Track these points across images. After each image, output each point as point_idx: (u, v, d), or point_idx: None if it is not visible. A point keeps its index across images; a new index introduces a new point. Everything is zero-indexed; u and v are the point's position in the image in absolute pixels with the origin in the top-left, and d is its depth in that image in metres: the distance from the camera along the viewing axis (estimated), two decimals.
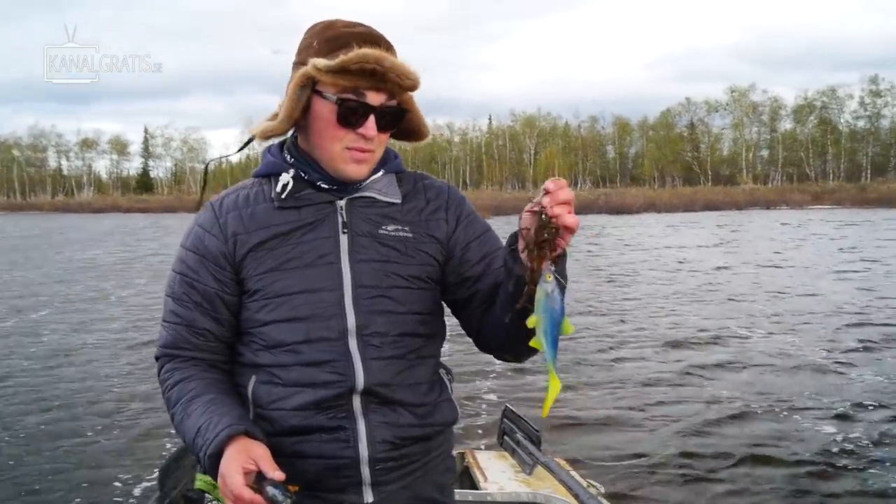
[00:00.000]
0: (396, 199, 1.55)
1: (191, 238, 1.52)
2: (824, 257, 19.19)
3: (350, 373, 1.44)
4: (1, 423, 6.25)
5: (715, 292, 13.29)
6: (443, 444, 1.62)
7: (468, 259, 1.56)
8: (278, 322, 1.46)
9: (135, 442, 5.85)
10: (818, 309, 11.32)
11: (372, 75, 1.38)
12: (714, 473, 5.09)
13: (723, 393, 6.91)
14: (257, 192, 1.53)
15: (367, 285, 1.47)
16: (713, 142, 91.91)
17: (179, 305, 1.50)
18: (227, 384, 1.51)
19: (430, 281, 1.54)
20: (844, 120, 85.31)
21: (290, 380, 1.45)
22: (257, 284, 1.47)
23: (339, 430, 1.45)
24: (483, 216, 1.67)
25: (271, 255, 1.46)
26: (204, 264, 1.49)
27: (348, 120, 1.42)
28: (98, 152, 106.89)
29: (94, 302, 13.32)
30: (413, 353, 1.52)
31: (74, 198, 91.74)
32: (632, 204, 54.38)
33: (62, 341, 9.73)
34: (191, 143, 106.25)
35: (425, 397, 1.53)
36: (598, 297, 12.83)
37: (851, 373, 7.57)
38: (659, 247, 23.47)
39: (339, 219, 1.50)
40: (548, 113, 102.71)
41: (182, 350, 1.51)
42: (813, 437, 5.71)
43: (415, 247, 1.52)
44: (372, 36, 1.42)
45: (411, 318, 1.51)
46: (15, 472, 5.26)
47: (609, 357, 8.47)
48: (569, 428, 5.98)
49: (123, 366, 8.35)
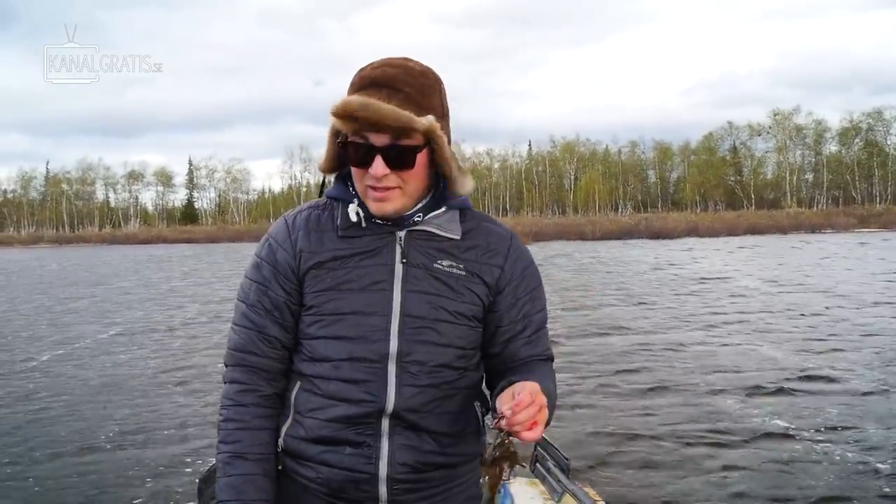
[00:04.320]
0: (456, 235, 1.59)
1: (265, 249, 1.61)
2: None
3: (382, 395, 1.50)
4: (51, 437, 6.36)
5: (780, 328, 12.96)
6: (468, 473, 1.65)
7: (505, 324, 1.62)
8: (326, 338, 1.53)
9: (176, 453, 5.91)
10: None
11: (366, 120, 1.42)
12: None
13: (766, 428, 6.75)
14: (328, 215, 1.59)
15: (414, 315, 1.52)
16: (756, 165, 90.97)
17: (253, 312, 1.59)
18: (272, 436, 1.59)
19: (474, 320, 1.58)
20: (891, 142, 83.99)
21: (328, 392, 1.52)
22: (313, 301, 1.54)
23: (364, 446, 1.51)
24: (523, 241, 1.69)
25: (330, 276, 1.53)
26: (276, 275, 1.57)
27: (357, 160, 1.48)
28: (144, 184, 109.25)
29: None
30: (448, 385, 1.56)
31: (121, 229, 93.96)
32: (673, 228, 53.89)
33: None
34: (234, 174, 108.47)
35: (451, 427, 1.57)
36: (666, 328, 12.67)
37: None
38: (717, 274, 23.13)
39: (398, 249, 1.55)
40: (587, 139, 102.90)
41: (251, 355, 1.58)
42: None
43: (465, 285, 1.56)
44: (378, 80, 1.45)
45: (452, 351, 1.55)
46: (47, 481, 5.35)
47: (648, 387, 8.28)
48: (601, 459, 5.88)
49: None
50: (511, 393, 1.38)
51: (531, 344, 1.63)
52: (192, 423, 7.00)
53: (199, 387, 8.56)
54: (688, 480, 5.39)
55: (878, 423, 6.58)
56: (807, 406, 7.20)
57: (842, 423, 6.62)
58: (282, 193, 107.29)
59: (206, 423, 6.84)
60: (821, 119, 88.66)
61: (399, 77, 1.47)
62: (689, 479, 5.42)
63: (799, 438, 6.22)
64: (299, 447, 1.56)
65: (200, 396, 8.07)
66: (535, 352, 1.64)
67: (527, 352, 1.63)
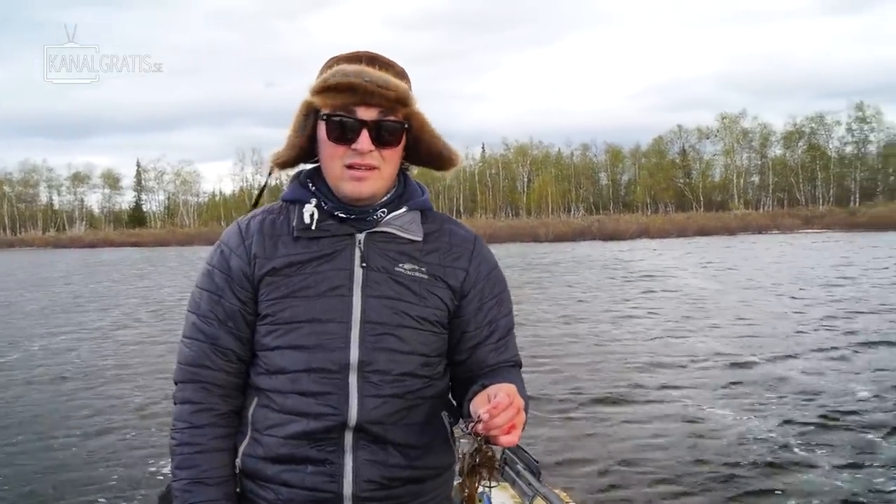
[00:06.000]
0: (417, 236, 1.53)
1: (217, 257, 1.53)
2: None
3: (344, 407, 1.43)
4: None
5: (720, 320, 13.20)
6: (437, 489, 1.57)
7: (471, 329, 1.56)
8: (282, 349, 1.45)
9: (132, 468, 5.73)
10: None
11: (356, 91, 1.38)
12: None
13: (733, 426, 6.83)
14: (283, 219, 1.52)
15: (375, 321, 1.45)
16: (705, 168, 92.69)
17: (204, 322, 1.50)
18: (230, 457, 1.51)
19: (438, 325, 1.52)
20: (833, 146, 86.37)
21: (286, 407, 1.45)
22: (269, 309, 1.47)
23: (327, 463, 1.44)
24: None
25: (286, 282, 1.46)
26: (229, 283, 1.50)
27: (340, 135, 1.42)
28: (90, 186, 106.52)
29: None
30: (413, 394, 1.49)
31: (66, 233, 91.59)
32: (625, 230, 54.68)
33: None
34: (184, 176, 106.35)
35: (419, 439, 1.50)
36: (615, 328, 12.77)
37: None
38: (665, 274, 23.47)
39: (357, 252, 1.48)
40: (540, 142, 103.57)
41: (203, 369, 1.49)
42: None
43: (428, 289, 1.50)
44: (360, 55, 1.44)
45: (416, 358, 1.49)
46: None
47: (615, 390, 8.31)
48: (570, 460, 5.88)
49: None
50: (486, 396, 1.32)
51: (499, 350, 1.57)
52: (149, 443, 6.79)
53: (152, 406, 8.33)
54: (658, 479, 5.42)
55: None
56: (765, 401, 7.32)
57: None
58: (233, 196, 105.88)
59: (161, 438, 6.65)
60: (766, 123, 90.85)
61: (378, 56, 1.45)
62: (660, 477, 5.46)
63: (768, 438, 6.30)
64: (258, 467, 1.48)
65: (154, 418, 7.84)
66: (503, 358, 1.58)
67: (494, 358, 1.56)
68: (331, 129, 1.42)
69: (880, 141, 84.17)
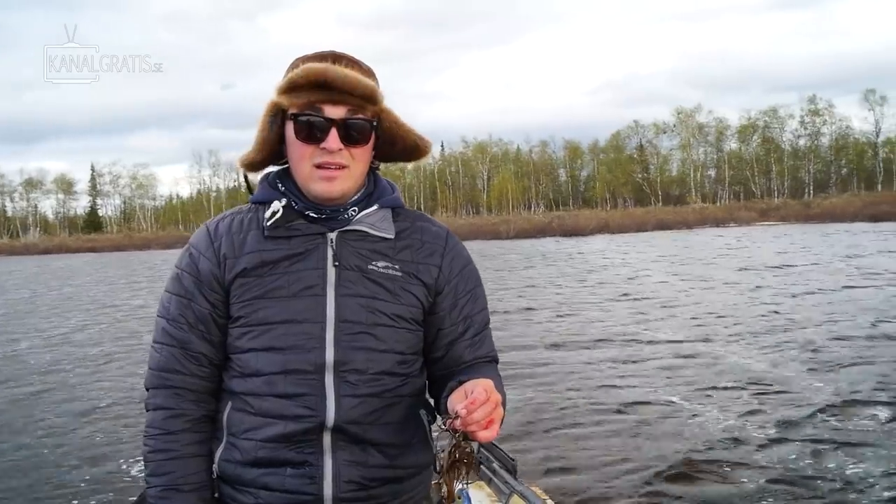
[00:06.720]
0: (389, 234, 1.52)
1: (185, 260, 1.51)
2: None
3: (321, 408, 1.42)
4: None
5: (685, 315, 13.35)
6: (416, 487, 1.58)
7: (446, 325, 1.57)
8: (257, 350, 1.44)
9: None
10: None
11: (323, 89, 1.38)
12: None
13: (711, 422, 6.93)
14: (251, 218, 1.51)
15: (350, 320, 1.45)
16: (662, 163, 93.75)
17: (174, 327, 1.48)
18: (206, 463, 1.49)
19: (413, 322, 1.52)
20: (786, 139, 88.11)
21: (262, 410, 1.43)
22: (241, 311, 1.45)
23: (306, 465, 1.43)
24: None
25: (258, 283, 1.45)
26: (199, 286, 1.48)
27: (308, 135, 1.42)
28: (43, 192, 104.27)
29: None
30: (390, 393, 1.49)
31: (20, 239, 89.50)
32: (585, 226, 54.99)
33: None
34: (140, 180, 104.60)
35: (397, 438, 1.50)
36: (590, 325, 12.85)
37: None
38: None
39: (329, 251, 1.47)
40: (499, 139, 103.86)
41: (174, 374, 1.48)
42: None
43: (402, 286, 1.50)
44: (325, 54, 1.44)
45: (392, 357, 1.48)
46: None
47: (590, 385, 8.32)
48: (546, 457, 5.90)
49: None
50: (463, 391, 1.32)
51: (475, 346, 1.58)
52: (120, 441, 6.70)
53: (122, 410, 8.22)
54: (635, 475, 5.43)
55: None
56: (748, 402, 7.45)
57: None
58: (190, 199, 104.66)
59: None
60: (721, 117, 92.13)
61: (344, 55, 1.45)
62: (637, 473, 5.47)
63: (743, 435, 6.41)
64: (236, 472, 1.46)
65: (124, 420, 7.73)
66: (480, 353, 1.59)
67: (471, 354, 1.57)
68: (299, 128, 1.42)
69: (833, 133, 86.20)
